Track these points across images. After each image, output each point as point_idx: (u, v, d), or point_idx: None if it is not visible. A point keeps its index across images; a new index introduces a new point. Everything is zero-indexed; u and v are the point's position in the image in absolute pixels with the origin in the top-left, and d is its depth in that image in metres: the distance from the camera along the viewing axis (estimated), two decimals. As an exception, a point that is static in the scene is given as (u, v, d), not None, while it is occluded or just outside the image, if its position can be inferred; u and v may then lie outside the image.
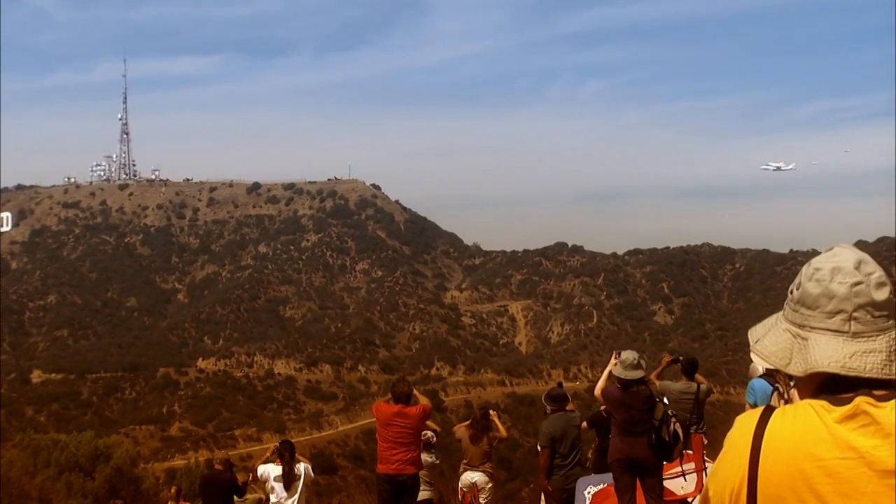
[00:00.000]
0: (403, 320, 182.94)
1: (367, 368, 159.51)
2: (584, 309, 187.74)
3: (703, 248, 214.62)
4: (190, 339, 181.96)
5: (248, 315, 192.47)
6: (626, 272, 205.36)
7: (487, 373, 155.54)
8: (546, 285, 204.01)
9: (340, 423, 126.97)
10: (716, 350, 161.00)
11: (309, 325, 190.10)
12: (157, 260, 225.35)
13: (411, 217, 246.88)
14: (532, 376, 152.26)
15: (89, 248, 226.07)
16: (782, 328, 2.60)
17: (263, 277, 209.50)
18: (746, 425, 2.54)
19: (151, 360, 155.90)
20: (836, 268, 2.50)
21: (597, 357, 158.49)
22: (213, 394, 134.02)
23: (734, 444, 2.59)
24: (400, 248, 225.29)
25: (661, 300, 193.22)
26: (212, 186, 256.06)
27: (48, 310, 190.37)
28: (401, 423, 14.47)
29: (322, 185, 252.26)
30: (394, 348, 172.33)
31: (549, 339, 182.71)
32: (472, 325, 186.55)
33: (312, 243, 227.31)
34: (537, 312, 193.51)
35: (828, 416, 2.46)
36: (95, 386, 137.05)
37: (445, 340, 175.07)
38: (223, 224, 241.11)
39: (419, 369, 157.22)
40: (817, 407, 2.49)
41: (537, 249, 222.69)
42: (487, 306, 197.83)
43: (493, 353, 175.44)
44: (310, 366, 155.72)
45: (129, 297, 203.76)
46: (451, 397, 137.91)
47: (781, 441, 2.45)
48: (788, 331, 2.57)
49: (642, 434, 12.92)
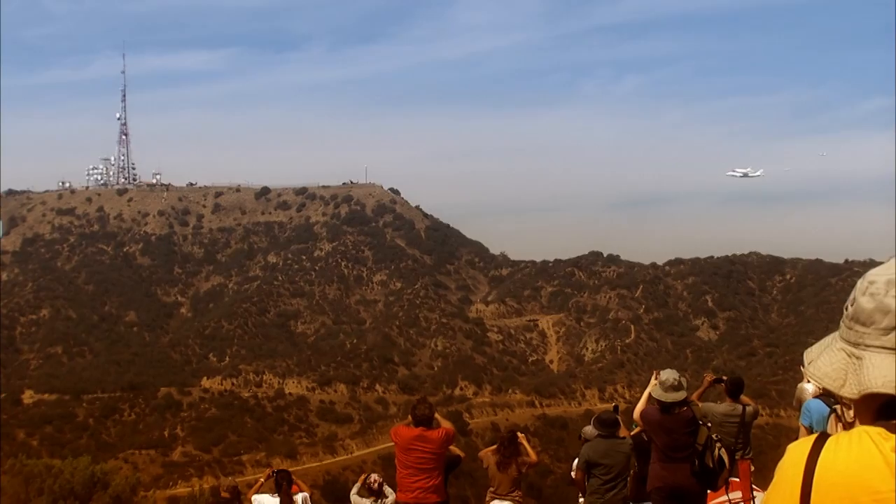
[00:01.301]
0: (424, 336, 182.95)
1: (385, 388, 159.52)
2: (621, 324, 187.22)
3: (750, 257, 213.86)
4: (194, 356, 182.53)
5: (257, 330, 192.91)
6: (667, 284, 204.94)
7: (516, 393, 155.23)
8: (579, 298, 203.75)
9: (356, 448, 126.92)
10: (764, 369, 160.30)
11: (322, 341, 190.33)
12: (158, 271, 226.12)
13: (433, 224, 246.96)
14: (564, 397, 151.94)
15: (85, 258, 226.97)
16: (837, 347, 2.54)
17: (273, 290, 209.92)
18: (798, 454, 2.48)
19: (152, 379, 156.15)
20: (891, 280, 2.43)
21: (634, 376, 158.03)
22: (219, 415, 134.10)
23: (785, 475, 2.53)
24: (421, 258, 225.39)
25: (704, 314, 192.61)
26: (217, 191, 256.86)
27: (41, 325, 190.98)
28: (422, 448, 14.46)
29: (337, 190, 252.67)
30: (414, 366, 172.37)
31: (582, 357, 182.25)
32: (498, 342, 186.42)
33: (326, 252, 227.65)
34: (570, 327, 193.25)
35: (885, 444, 2.39)
36: (92, 407, 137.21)
37: (470, 358, 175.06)
38: (230, 232, 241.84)
39: (441, 389, 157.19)
40: (874, 434, 2.42)
41: (570, 259, 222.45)
42: (516, 321, 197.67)
43: (521, 371, 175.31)
44: (323, 385, 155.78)
45: (128, 311, 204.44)
46: (477, 419, 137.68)
47: (836, 472, 2.38)
48: (843, 350, 2.51)
49: (684, 460, 12.91)
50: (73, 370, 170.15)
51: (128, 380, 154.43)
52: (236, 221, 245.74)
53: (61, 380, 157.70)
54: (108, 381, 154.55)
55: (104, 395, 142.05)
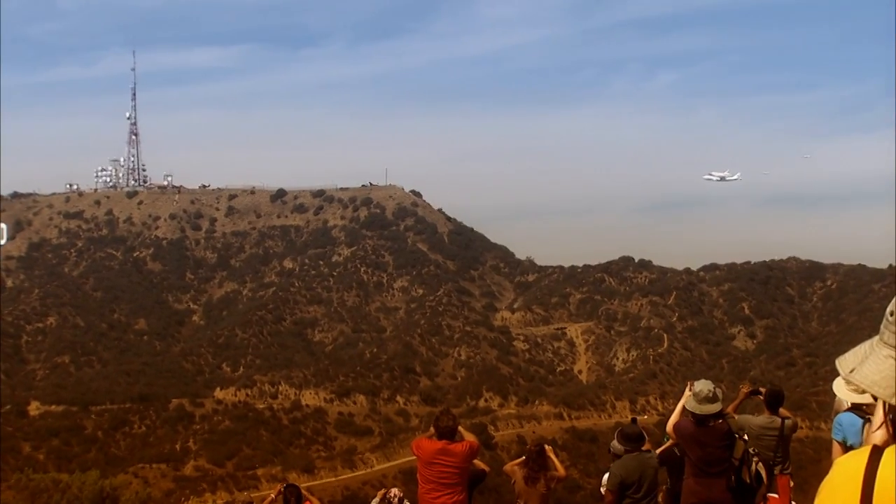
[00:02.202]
0: (448, 345, 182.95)
1: (406, 399, 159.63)
2: (653, 332, 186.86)
3: (789, 262, 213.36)
4: (206, 366, 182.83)
5: (272, 339, 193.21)
6: (701, 290, 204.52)
7: (543, 404, 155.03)
8: (609, 305, 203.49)
9: (376, 462, 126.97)
10: (804, 379, 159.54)
11: (341, 350, 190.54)
12: (169, 277, 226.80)
13: (456, 228, 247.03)
14: (594, 408, 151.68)
15: (94, 263, 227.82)
16: (883, 354, 2.51)
17: (289, 296, 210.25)
18: (852, 469, 2.41)
19: (163, 389, 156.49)
20: None
21: (667, 387, 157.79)
22: (233, 428, 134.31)
23: (837, 491, 2.48)
24: (444, 263, 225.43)
25: (740, 322, 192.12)
26: (231, 194, 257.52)
27: (47, 333, 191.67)
28: (445, 462, 14.45)
29: (355, 192, 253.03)
30: (437, 377, 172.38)
31: (612, 367, 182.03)
32: (525, 351, 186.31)
33: (345, 258, 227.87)
34: (599, 336, 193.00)
35: None
36: (100, 419, 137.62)
37: (495, 368, 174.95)
38: (244, 236, 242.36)
39: (465, 400, 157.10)
40: None
41: (599, 264, 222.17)
42: (543, 329, 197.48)
43: (549, 382, 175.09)
44: (342, 396, 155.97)
45: (138, 319, 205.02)
46: (502, 432, 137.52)
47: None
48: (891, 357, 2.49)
49: (720, 475, 12.88)
50: (80, 380, 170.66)
51: (138, 391, 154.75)
52: (251, 225, 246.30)
53: (69, 391, 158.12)
54: (118, 391, 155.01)
55: (113, 407, 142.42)
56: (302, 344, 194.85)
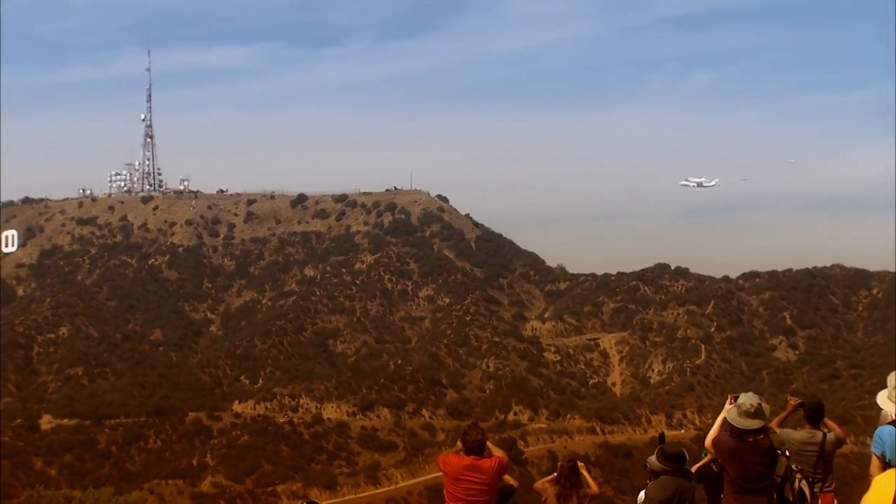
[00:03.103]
0: (475, 356, 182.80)
1: (432, 413, 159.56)
2: (691, 343, 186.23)
3: (833, 270, 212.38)
4: (224, 378, 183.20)
5: (293, 350, 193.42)
6: (741, 299, 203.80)
7: (575, 418, 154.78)
8: (644, 315, 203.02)
9: (401, 478, 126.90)
10: (848, 392, 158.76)
11: (364, 361, 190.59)
12: (186, 285, 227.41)
13: (484, 234, 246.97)
14: (628, 423, 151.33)
15: (107, 271, 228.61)
16: None
17: (310, 306, 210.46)
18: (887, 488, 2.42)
19: (179, 402, 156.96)
20: None
21: (705, 400, 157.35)
22: (252, 443, 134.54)
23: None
24: (471, 271, 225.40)
25: (782, 332, 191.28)
26: (250, 199, 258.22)
27: (59, 344, 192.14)
28: (472, 479, 14.43)
29: (379, 197, 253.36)
30: (464, 389, 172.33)
31: (648, 379, 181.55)
32: (556, 362, 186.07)
33: (368, 265, 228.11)
34: (634, 347, 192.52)
35: None
36: (115, 433, 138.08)
37: (525, 380, 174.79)
38: (263, 243, 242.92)
39: (494, 414, 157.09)
40: None
41: (634, 272, 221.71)
42: (574, 339, 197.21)
43: (581, 395, 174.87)
44: (365, 410, 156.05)
45: (153, 329, 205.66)
46: (532, 447, 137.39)
47: None
48: None
49: (761, 493, 12.84)
50: (94, 393, 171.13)
51: (153, 404, 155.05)
52: (270, 231, 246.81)
53: (82, 404, 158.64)
54: (132, 405, 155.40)
55: (128, 421, 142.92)
56: (323, 355, 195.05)
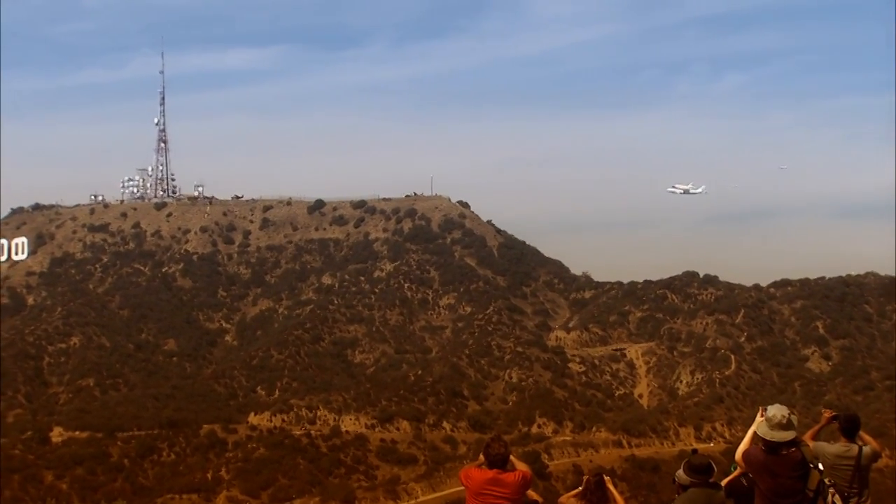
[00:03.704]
0: (498, 367, 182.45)
1: (453, 425, 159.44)
2: (720, 353, 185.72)
3: (867, 278, 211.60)
4: (240, 389, 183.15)
5: (310, 360, 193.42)
6: (772, 308, 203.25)
7: (601, 431, 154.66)
8: (672, 324, 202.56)
9: (421, 493, 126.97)
10: (884, 404, 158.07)
11: (383, 372, 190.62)
12: (200, 294, 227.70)
13: (507, 241, 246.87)
14: (655, 436, 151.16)
15: (120, 279, 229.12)
16: None
17: (328, 315, 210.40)
18: None
19: (194, 414, 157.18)
20: None
21: (735, 413, 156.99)
22: (268, 456, 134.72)
23: None
24: (493, 279, 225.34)
25: (815, 342, 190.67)
26: (266, 205, 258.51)
27: (71, 354, 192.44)
28: (496, 493, 14.42)
29: (399, 203, 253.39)
30: (486, 401, 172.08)
31: (675, 391, 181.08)
32: (581, 373, 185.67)
33: (387, 273, 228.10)
34: (661, 357, 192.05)
35: None
36: (127, 446, 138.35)
37: (549, 391, 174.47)
38: (279, 251, 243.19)
39: (517, 427, 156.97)
40: None
41: (661, 280, 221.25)
42: (600, 350, 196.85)
43: (607, 406, 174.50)
44: (384, 422, 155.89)
45: (167, 339, 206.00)
46: (557, 461, 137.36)
47: None
48: None
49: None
50: (106, 405, 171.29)
51: (167, 416, 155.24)
52: (287, 238, 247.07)
53: (93, 416, 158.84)
54: (145, 417, 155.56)
55: (141, 433, 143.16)
56: (341, 366, 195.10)
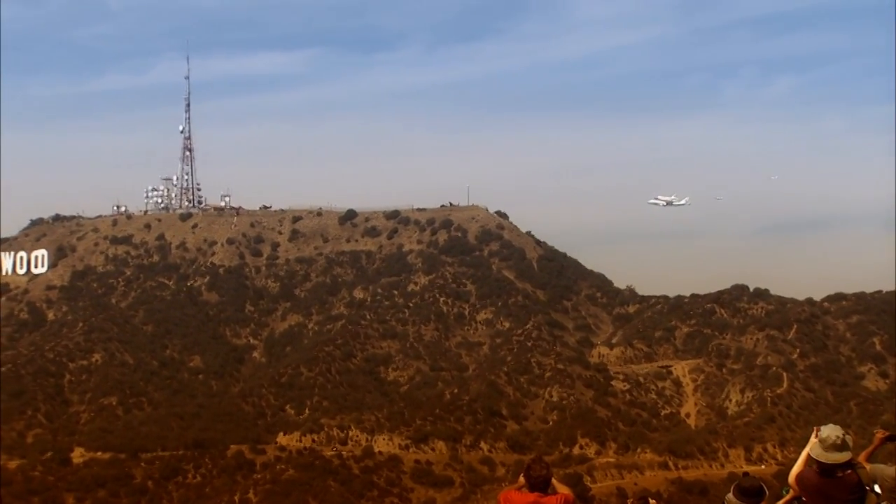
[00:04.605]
0: (538, 385, 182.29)
1: (491, 446, 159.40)
2: (771, 370, 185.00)
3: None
4: (268, 408, 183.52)
5: (341, 378, 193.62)
6: (826, 323, 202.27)
7: (646, 452, 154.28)
8: (721, 340, 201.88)
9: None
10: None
11: (417, 390, 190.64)
12: (227, 308, 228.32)
13: (547, 253, 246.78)
14: (704, 457, 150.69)
15: (143, 293, 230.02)
16: None
17: (360, 330, 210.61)
18: None
19: (220, 434, 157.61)
20: None
21: (787, 433, 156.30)
22: (298, 477, 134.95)
23: None
24: (533, 293, 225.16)
25: (871, 360, 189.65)
26: (295, 216, 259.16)
27: (92, 371, 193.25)
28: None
29: (434, 214, 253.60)
30: (525, 420, 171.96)
31: (724, 410, 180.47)
32: (625, 392, 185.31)
33: (422, 287, 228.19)
34: (710, 375, 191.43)
35: None
36: (151, 468, 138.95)
37: (591, 410, 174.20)
38: (309, 263, 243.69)
39: (558, 447, 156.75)
40: None
41: (709, 294, 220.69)
42: (645, 367, 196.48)
43: (652, 426, 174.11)
44: (419, 442, 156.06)
45: (192, 356, 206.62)
46: (600, 484, 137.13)
47: None
48: None
49: (849, 532, 12.76)
50: (129, 424, 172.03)
51: (192, 436, 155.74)
52: (317, 251, 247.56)
53: (116, 436, 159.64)
54: (170, 437, 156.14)
55: (165, 454, 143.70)
56: (374, 383, 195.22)
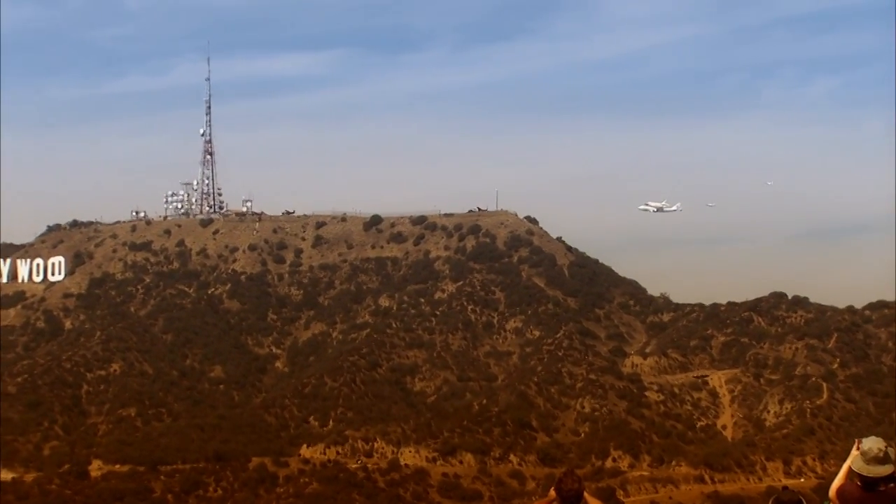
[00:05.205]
0: (569, 395, 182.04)
1: (521, 459, 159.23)
2: (811, 381, 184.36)
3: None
4: (291, 419, 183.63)
5: (366, 388, 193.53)
6: (868, 332, 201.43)
7: (681, 465, 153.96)
8: (759, 349, 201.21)
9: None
10: None
11: (445, 401, 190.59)
12: (248, 317, 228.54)
13: (578, 259, 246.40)
14: (741, 470, 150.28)
15: (163, 301, 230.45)
16: None
17: (385, 339, 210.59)
18: None
19: (242, 446, 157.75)
20: None
21: (827, 445, 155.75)
22: (322, 491, 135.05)
23: None
24: (564, 301, 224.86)
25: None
26: (319, 221, 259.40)
27: (111, 382, 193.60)
28: (569, 532, 14.38)
29: (462, 219, 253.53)
30: (556, 432, 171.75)
31: (762, 422, 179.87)
32: (659, 403, 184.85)
33: (449, 294, 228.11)
34: (747, 385, 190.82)
35: None
36: (171, 481, 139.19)
37: (624, 422, 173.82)
38: (333, 270, 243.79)
39: (590, 460, 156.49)
40: None
41: (746, 302, 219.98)
42: (680, 377, 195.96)
43: (687, 439, 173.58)
44: (446, 455, 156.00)
45: (213, 366, 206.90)
46: (633, 498, 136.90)
47: None
48: None
49: (893, 548, 12.69)
50: (148, 436, 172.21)
51: (213, 448, 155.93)
52: (341, 257, 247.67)
53: (135, 448, 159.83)
54: (190, 449, 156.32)
55: (185, 467, 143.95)
56: (400, 394, 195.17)
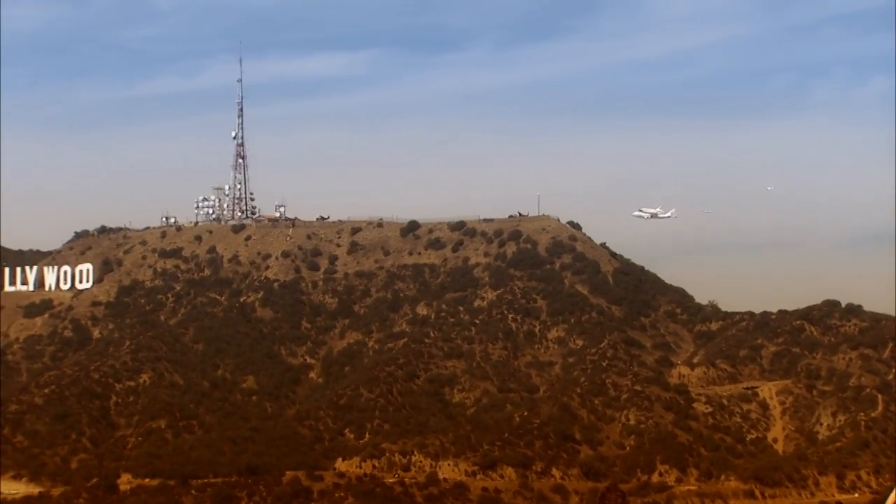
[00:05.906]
0: (613, 407, 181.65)
1: (563, 473, 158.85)
2: (865, 392, 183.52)
3: None
4: (326, 432, 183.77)
5: (403, 400, 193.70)
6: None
7: (730, 480, 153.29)
8: (811, 360, 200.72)
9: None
10: None
11: (485, 413, 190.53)
12: (282, 326, 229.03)
13: (623, 266, 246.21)
14: (793, 485, 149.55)
15: (194, 310, 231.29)
16: None
17: (423, 349, 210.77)
18: None
19: (275, 460, 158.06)
20: None
21: (883, 459, 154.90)
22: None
23: None
24: (608, 309, 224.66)
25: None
26: (354, 227, 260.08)
27: (140, 393, 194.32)
28: (614, 548, 14.55)
29: (502, 224, 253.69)
30: (600, 445, 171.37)
31: (815, 434, 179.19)
32: (707, 415, 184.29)
33: (489, 302, 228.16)
34: (799, 397, 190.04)
35: None
36: (202, 495, 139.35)
37: (671, 435, 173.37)
38: (369, 278, 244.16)
39: (635, 474, 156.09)
40: None
41: (798, 310, 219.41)
42: (729, 388, 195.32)
43: (737, 452, 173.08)
44: (486, 469, 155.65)
45: (245, 376, 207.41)
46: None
47: None
48: None
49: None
50: (179, 449, 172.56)
51: (246, 461, 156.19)
52: (377, 264, 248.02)
53: (165, 461, 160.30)
54: (222, 462, 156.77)
55: (217, 481, 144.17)
56: (438, 406, 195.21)
